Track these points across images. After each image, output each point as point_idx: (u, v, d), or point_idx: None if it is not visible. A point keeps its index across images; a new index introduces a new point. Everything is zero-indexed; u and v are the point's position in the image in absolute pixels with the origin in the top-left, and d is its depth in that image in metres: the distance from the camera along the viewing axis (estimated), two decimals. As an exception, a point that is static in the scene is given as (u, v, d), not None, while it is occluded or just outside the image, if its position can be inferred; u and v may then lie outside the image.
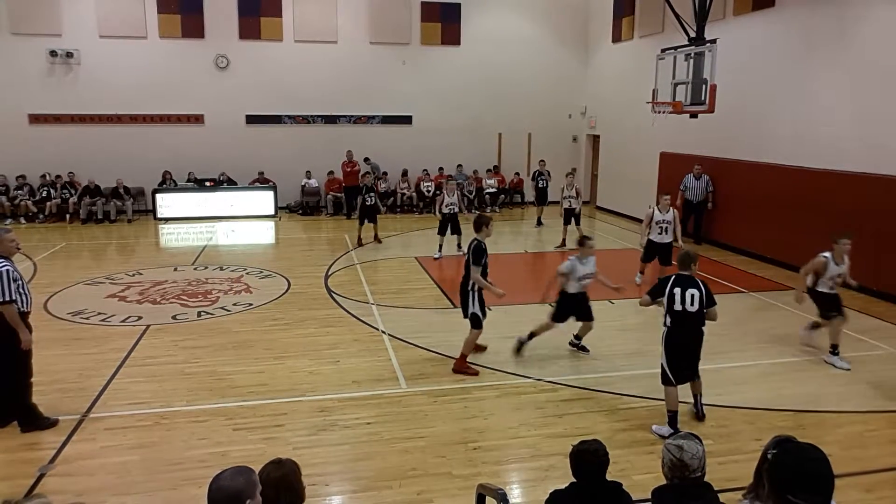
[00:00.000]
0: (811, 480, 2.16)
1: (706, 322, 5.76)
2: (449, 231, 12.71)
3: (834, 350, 7.45)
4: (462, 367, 7.12)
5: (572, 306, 7.43)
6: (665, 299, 5.74)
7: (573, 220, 13.68)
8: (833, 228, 10.77)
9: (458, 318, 9.05)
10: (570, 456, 3.19)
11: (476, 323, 7.10)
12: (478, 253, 6.91)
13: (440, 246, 12.72)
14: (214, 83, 17.99)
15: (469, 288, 7.03)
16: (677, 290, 5.69)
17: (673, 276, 5.82)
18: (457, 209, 12.73)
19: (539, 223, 16.67)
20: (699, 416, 6.02)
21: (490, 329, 8.57)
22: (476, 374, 7.07)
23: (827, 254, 7.45)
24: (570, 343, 7.81)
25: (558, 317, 7.46)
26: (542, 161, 17.46)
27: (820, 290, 7.50)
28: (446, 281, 10.96)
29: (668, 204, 10.22)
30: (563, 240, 13.79)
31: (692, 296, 5.65)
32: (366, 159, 17.89)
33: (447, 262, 12.58)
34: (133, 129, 17.77)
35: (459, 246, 12.75)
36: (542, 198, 16.69)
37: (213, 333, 8.32)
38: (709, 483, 2.91)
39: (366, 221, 13.91)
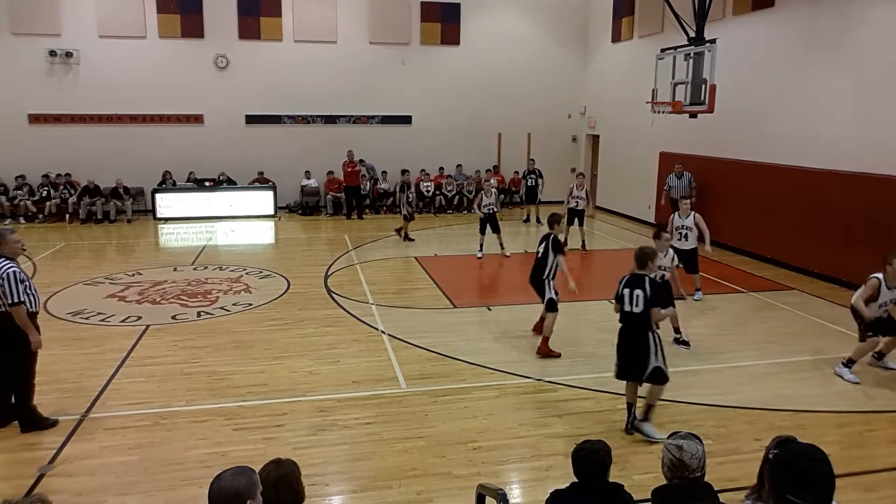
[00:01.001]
0: (812, 481, 2.16)
1: (655, 323, 5.60)
2: (489, 230, 12.83)
3: (849, 363, 7.02)
4: (546, 350, 7.58)
5: None
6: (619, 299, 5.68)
7: (577, 220, 13.68)
8: (833, 228, 10.87)
9: (458, 318, 9.10)
10: (571, 455, 3.17)
11: (552, 306, 7.61)
12: (557, 244, 7.64)
13: (481, 245, 12.85)
14: (214, 83, 17.98)
15: (544, 276, 7.61)
16: (626, 291, 5.61)
17: (626, 276, 5.72)
18: (494, 209, 12.90)
19: (528, 220, 16.75)
20: (627, 427, 5.72)
21: (491, 329, 8.60)
22: (559, 355, 7.54)
23: (878, 275, 6.76)
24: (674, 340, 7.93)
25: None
26: (532, 160, 17.62)
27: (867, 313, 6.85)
28: (446, 281, 10.96)
29: (688, 208, 9.80)
30: (565, 239, 13.76)
31: (637, 296, 5.55)
32: (360, 161, 17.91)
33: (450, 261, 12.58)
34: (133, 129, 17.77)
35: (502, 245, 12.89)
36: (531, 196, 16.74)
37: (212, 333, 8.32)
38: (709, 483, 2.90)
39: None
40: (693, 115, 12.00)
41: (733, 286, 10.86)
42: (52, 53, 16.86)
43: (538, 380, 6.90)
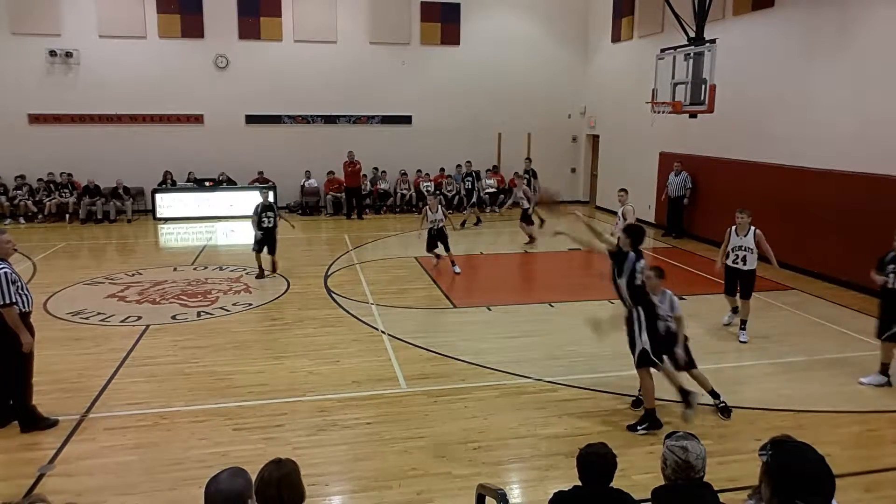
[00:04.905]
0: (815, 482, 2.17)
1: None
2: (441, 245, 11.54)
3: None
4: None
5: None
6: None
7: (525, 220, 14.08)
8: (832, 228, 10.87)
9: (458, 318, 9.11)
10: (577, 459, 3.14)
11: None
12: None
13: (436, 255, 11.70)
14: (214, 83, 17.98)
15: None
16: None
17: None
18: (442, 224, 11.57)
19: (463, 225, 16.29)
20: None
21: (491, 329, 8.60)
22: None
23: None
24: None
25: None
26: (469, 162, 18.12)
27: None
28: (446, 281, 10.96)
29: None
30: (530, 236, 14.26)
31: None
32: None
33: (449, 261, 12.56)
34: (133, 129, 17.76)
35: (453, 262, 11.52)
36: (469, 199, 17.35)
37: (212, 333, 8.31)
38: (709, 483, 2.90)
39: (264, 249, 11.02)
40: (693, 115, 12.01)
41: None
42: (52, 53, 16.85)
43: (538, 380, 6.89)
